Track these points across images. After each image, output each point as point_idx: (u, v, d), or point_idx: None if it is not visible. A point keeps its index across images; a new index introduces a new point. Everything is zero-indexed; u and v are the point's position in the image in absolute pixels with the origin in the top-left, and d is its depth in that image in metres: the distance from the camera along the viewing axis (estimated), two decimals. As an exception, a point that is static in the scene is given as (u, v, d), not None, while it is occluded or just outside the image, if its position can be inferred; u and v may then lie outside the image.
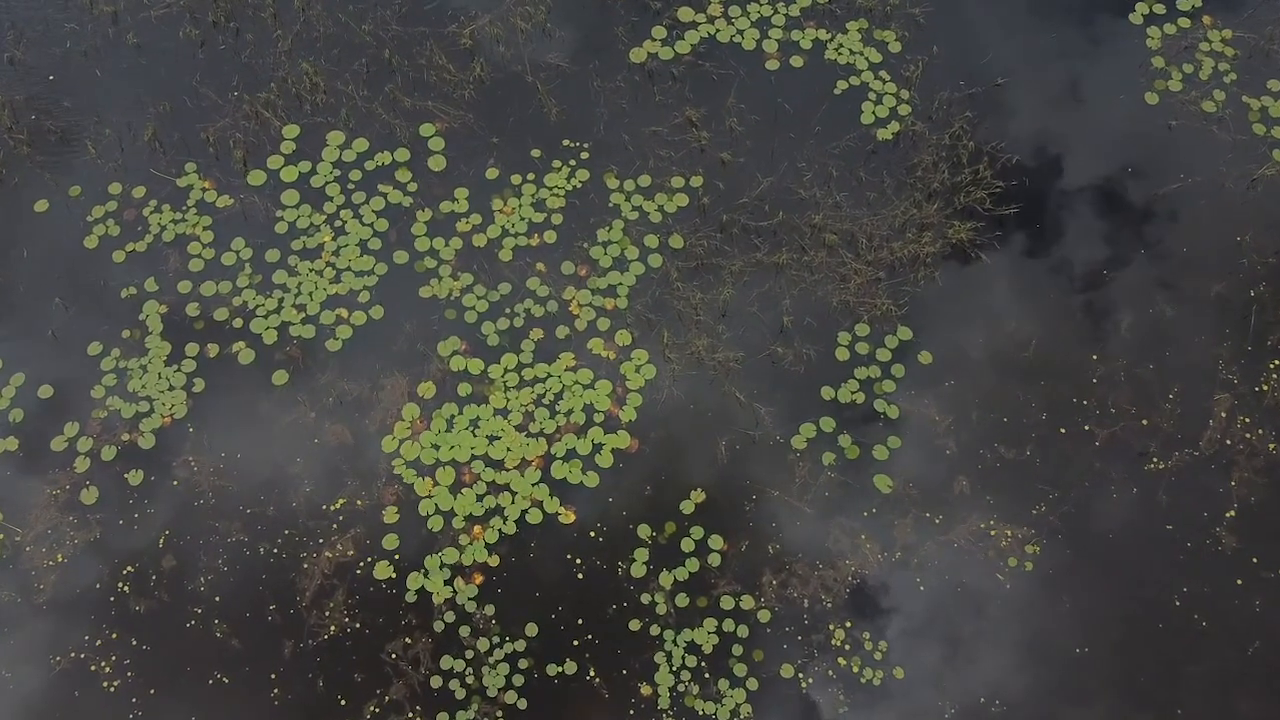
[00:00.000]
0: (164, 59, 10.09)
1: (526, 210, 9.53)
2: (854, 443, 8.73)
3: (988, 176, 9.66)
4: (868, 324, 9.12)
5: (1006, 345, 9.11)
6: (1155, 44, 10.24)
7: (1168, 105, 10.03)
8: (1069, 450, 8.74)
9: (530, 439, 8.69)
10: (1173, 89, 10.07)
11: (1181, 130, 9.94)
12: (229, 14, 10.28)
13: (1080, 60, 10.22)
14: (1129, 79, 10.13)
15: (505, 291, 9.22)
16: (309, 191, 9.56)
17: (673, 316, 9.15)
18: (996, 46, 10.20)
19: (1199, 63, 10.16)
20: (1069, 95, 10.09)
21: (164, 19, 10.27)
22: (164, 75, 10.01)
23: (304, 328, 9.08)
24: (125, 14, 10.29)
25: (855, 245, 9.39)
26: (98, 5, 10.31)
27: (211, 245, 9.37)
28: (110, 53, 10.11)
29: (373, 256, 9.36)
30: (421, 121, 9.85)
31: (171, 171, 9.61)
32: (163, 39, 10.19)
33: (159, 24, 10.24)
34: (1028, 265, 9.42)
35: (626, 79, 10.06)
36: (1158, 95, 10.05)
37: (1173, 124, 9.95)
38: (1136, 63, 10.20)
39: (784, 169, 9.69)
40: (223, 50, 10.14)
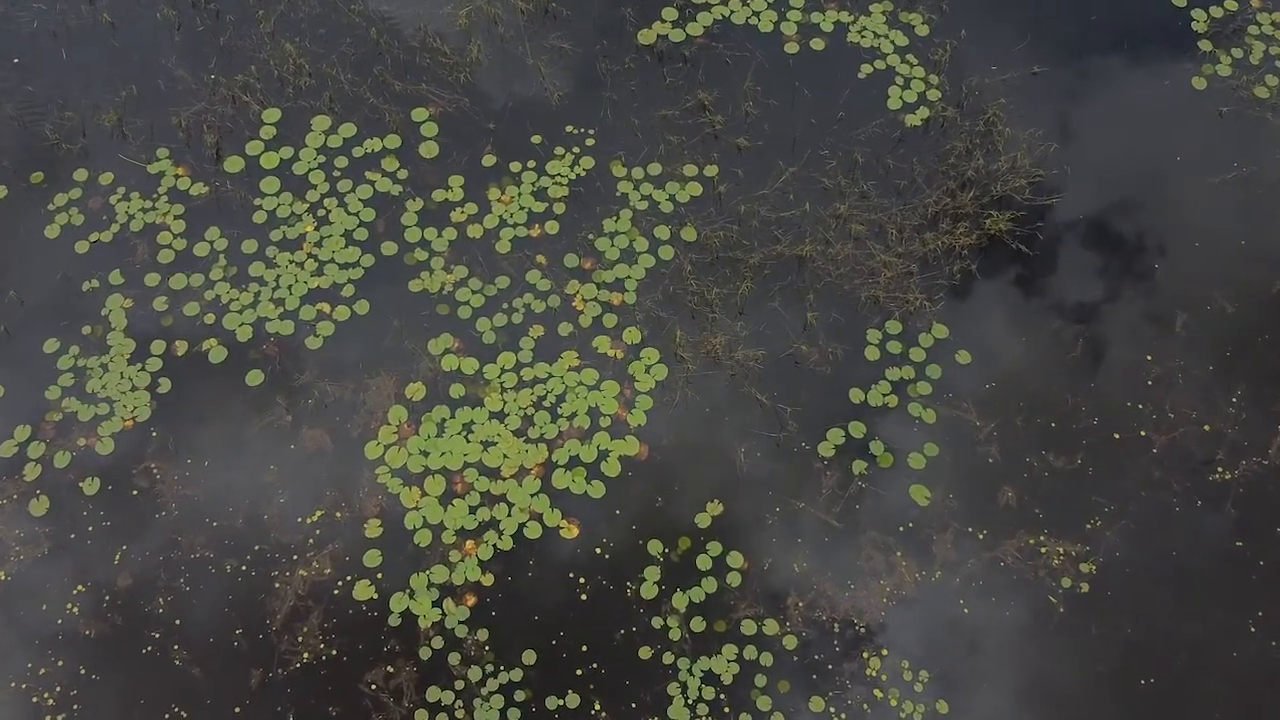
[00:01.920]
0: (138, 40, 9.12)
1: (526, 199, 8.51)
2: (887, 450, 7.67)
3: (1026, 164, 8.65)
4: (899, 321, 8.08)
5: (1052, 344, 8.07)
6: (1201, 27, 9.29)
7: (1217, 91, 9.06)
8: (1124, 458, 7.67)
9: (529, 445, 7.62)
10: (1221, 74, 9.10)
11: (1233, 117, 8.97)
12: (208, -7, 9.30)
13: (1120, 45, 9.27)
14: (1175, 64, 9.17)
15: (503, 285, 8.19)
16: (291, 179, 8.55)
17: (686, 313, 8.11)
18: (1030, 30, 9.25)
19: (1249, 46, 9.21)
20: (1111, 81, 9.12)
21: None
22: (137, 57, 9.04)
23: (282, 324, 8.04)
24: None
25: (884, 236, 8.37)
26: (70, -16, 9.32)
27: (183, 235, 8.35)
28: (82, 33, 9.15)
29: (358, 248, 8.33)
30: (413, 106, 8.87)
31: (142, 158, 8.61)
32: (138, 19, 9.23)
33: (135, 4, 9.29)
34: (1072, 258, 8.39)
35: (635, 61, 9.09)
36: (1206, 80, 9.09)
37: (1223, 110, 8.98)
38: (1182, 47, 9.25)
39: (806, 156, 8.69)
40: (201, 32, 9.17)
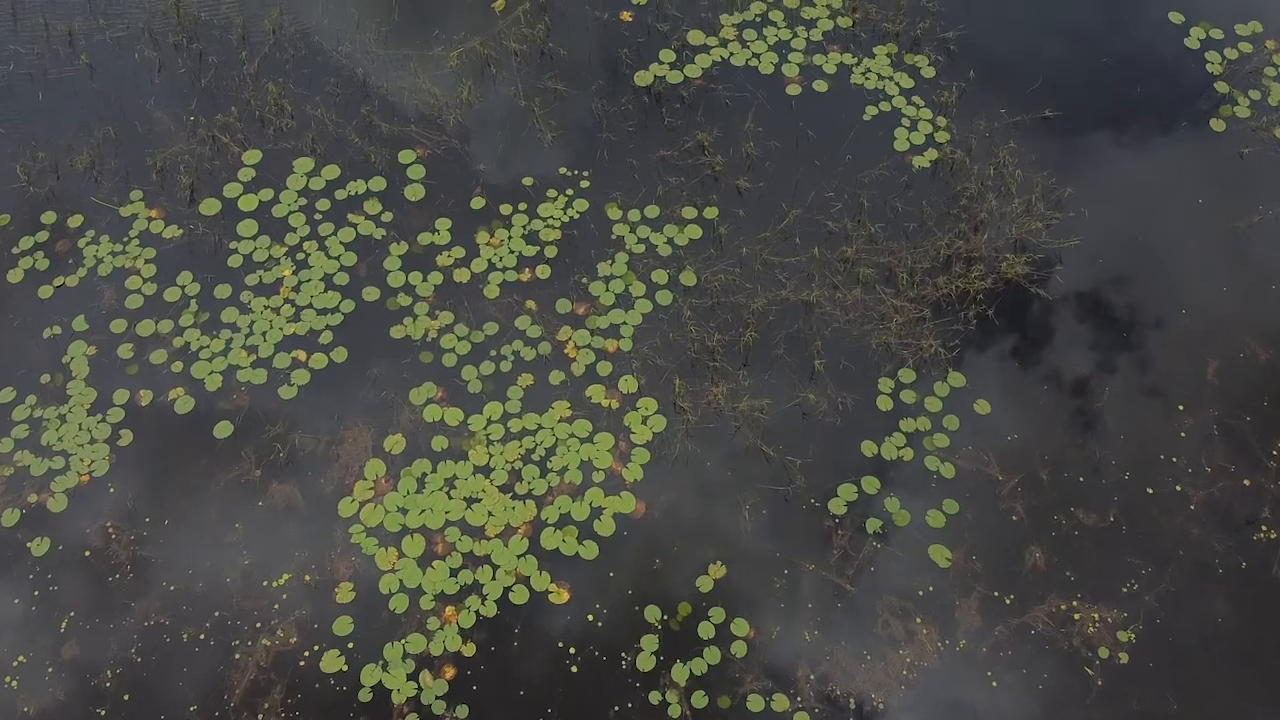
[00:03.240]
0: (117, 82, 8.56)
1: (517, 243, 7.87)
2: (903, 507, 6.89)
3: (1041, 208, 8.02)
4: (913, 369, 7.36)
5: (1076, 393, 7.34)
6: (1217, 69, 8.76)
7: (1236, 133, 8.49)
8: (1160, 516, 6.90)
9: (516, 502, 6.85)
10: (1240, 115, 8.55)
11: (1254, 159, 8.39)
12: (192, 35, 8.80)
13: (1134, 87, 8.73)
14: (1191, 106, 8.61)
15: (491, 332, 7.50)
16: (269, 222, 7.91)
17: (685, 360, 7.39)
18: (1039, 73, 8.71)
19: (1267, 88, 8.68)
20: (1125, 123, 8.56)
21: (121, 40, 8.79)
22: (115, 99, 8.47)
23: (254, 372, 7.32)
24: (80, 34, 8.81)
25: (894, 281, 7.70)
26: (52, 25, 8.80)
27: (154, 280, 7.68)
28: (60, 76, 8.60)
29: (338, 293, 7.66)
30: (400, 148, 8.27)
31: (114, 200, 7.98)
32: (118, 61, 8.69)
33: (115, 45, 8.76)
34: (1094, 303, 7.71)
35: (632, 102, 8.54)
36: (1224, 122, 8.52)
37: (1244, 152, 8.39)
38: (1197, 89, 8.70)
39: (811, 198, 8.06)
40: (182, 73, 8.62)
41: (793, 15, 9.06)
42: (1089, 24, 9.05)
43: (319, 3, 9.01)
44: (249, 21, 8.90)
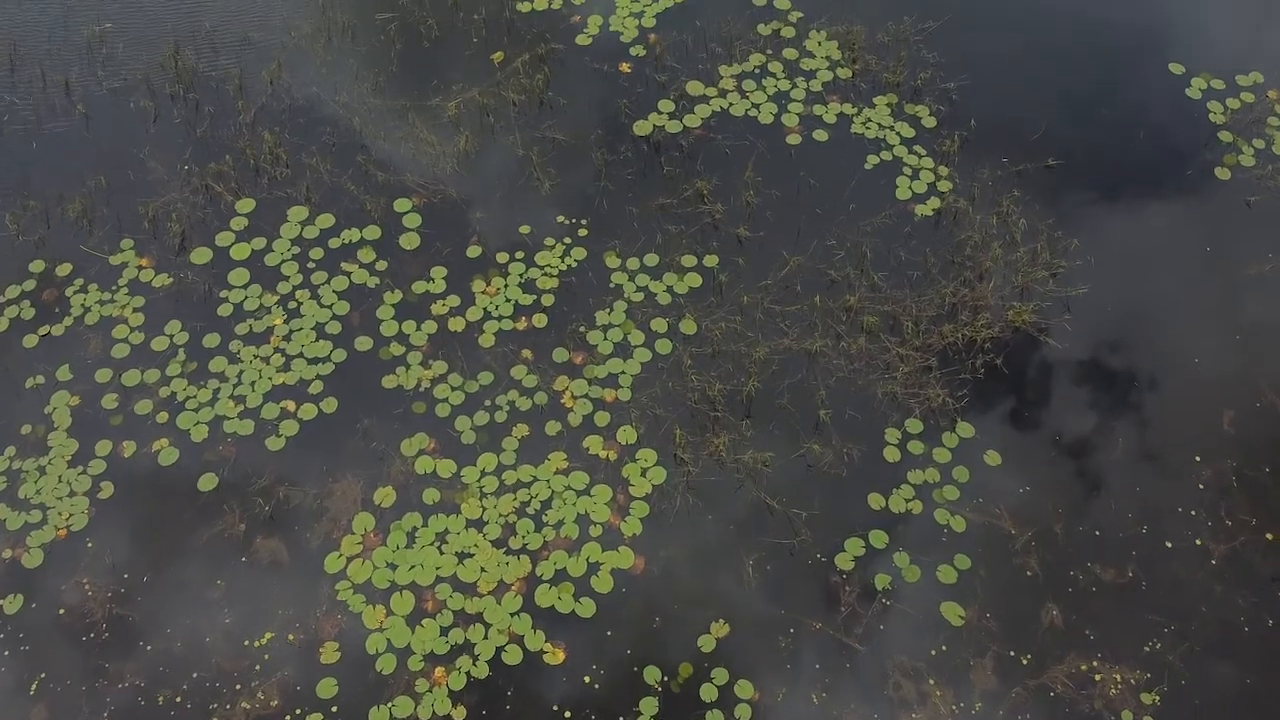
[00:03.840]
0: (112, 132, 8.41)
1: (513, 291, 7.63)
2: (913, 562, 6.55)
3: (1047, 256, 7.80)
4: (920, 419, 7.07)
5: (1090, 443, 7.04)
6: (1219, 118, 8.62)
7: (1242, 181, 8.31)
8: (1181, 571, 6.55)
9: (510, 557, 6.51)
10: (1245, 164, 8.38)
11: (1262, 207, 8.20)
12: (189, 85, 8.66)
13: (1136, 136, 8.57)
14: (1195, 154, 8.45)
15: (485, 381, 7.22)
16: (261, 271, 7.68)
17: (686, 410, 7.11)
18: (1040, 123, 8.56)
19: (1270, 137, 8.53)
20: (1129, 172, 8.38)
21: (118, 91, 8.67)
22: (109, 148, 8.31)
23: (241, 423, 7.02)
24: (77, 86, 8.69)
25: (899, 329, 7.44)
26: (49, 76, 8.67)
27: (141, 329, 7.42)
28: (55, 125, 8.46)
29: (330, 342, 7.40)
30: (396, 196, 8.08)
31: (104, 249, 7.76)
32: (113, 111, 8.55)
33: (112, 96, 8.63)
34: (1105, 352, 7.44)
35: (631, 151, 8.37)
36: (1230, 171, 8.36)
37: (1251, 200, 8.18)
38: (1201, 137, 8.55)
39: (813, 247, 7.83)
40: (177, 123, 8.46)
41: (792, 66, 8.94)
42: (1090, 74, 8.93)
43: (317, 55, 8.90)
44: (246, 73, 8.78)
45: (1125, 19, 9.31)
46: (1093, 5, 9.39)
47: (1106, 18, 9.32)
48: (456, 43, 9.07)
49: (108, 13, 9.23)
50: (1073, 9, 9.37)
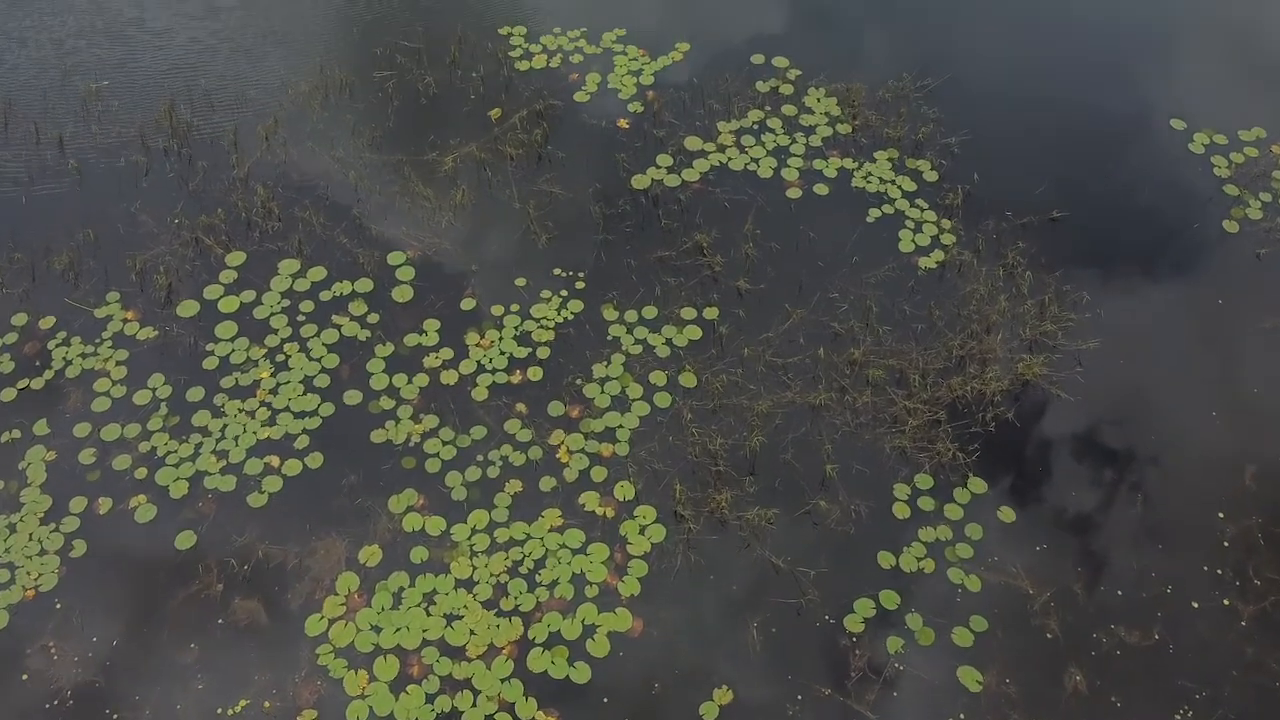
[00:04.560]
0: (103, 186, 8.23)
1: (508, 344, 7.35)
2: (926, 624, 6.14)
3: (1055, 309, 7.53)
4: (930, 474, 6.73)
5: (1108, 499, 6.68)
6: (1224, 172, 8.45)
7: (1250, 234, 8.10)
8: (1209, 633, 6.14)
9: (501, 619, 6.11)
10: (1253, 217, 8.18)
11: (1272, 260, 8.00)
12: (183, 140, 8.50)
13: (1140, 188, 8.40)
14: (1201, 207, 8.25)
15: (478, 436, 6.89)
16: (250, 324, 7.41)
17: (686, 465, 6.76)
18: (1043, 176, 8.40)
19: (1277, 190, 8.33)
20: (1136, 224, 8.19)
21: (112, 146, 8.52)
22: (100, 202, 8.12)
23: (223, 479, 6.67)
24: (71, 141, 8.54)
25: (906, 382, 7.14)
26: (43, 132, 8.52)
27: (123, 382, 7.12)
28: (46, 179, 8.28)
29: (318, 395, 7.09)
30: (390, 250, 7.85)
31: (89, 301, 7.50)
32: (105, 166, 8.38)
33: (105, 151, 8.47)
34: (1119, 405, 7.13)
35: (629, 204, 8.18)
36: (1237, 224, 8.16)
37: (1261, 253, 7.96)
38: (1206, 191, 8.37)
39: (815, 300, 7.57)
40: (170, 178, 8.29)
41: (791, 122, 8.80)
42: (1090, 130, 8.79)
43: (314, 111, 8.77)
44: (242, 129, 8.63)
45: (1123, 77, 9.22)
46: (1091, 64, 9.32)
47: (1105, 76, 9.22)
48: (454, 100, 8.94)
49: (106, 72, 9.10)
50: (1072, 68, 9.29)
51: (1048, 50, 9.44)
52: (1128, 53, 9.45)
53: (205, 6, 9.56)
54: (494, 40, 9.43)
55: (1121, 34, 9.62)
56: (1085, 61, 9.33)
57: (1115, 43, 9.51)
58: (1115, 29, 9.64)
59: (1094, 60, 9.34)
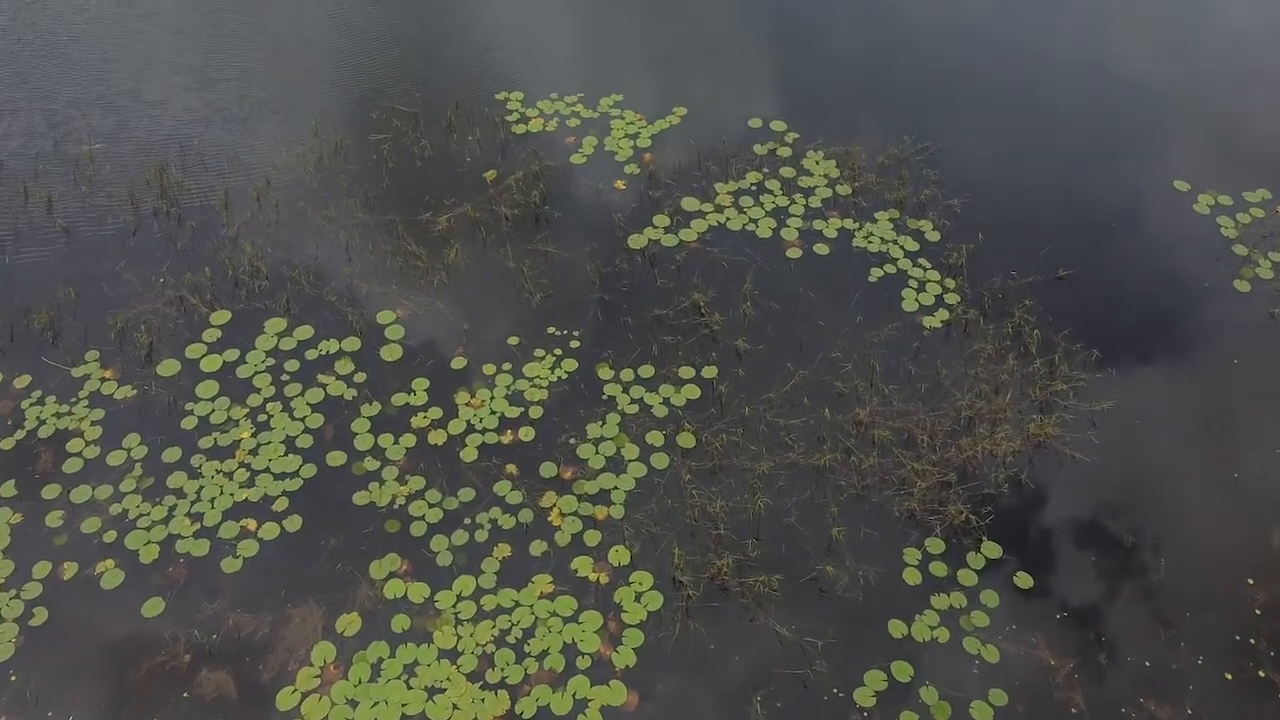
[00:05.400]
0: (89, 245, 8.02)
1: (499, 403, 7.01)
2: (942, 698, 5.68)
3: (1065, 368, 7.22)
4: (941, 538, 6.33)
5: (1130, 565, 6.28)
6: (1231, 233, 8.24)
7: (1262, 294, 7.85)
8: (1244, 706, 5.70)
9: (487, 692, 5.65)
10: (1263, 276, 7.94)
11: (1286, 319, 7.65)
12: (173, 201, 8.30)
13: (1147, 248, 8.18)
14: (1210, 268, 8.02)
15: (466, 498, 6.51)
16: (232, 383, 7.09)
17: (685, 529, 6.37)
18: (1046, 236, 8.19)
19: (1286, 250, 8.08)
20: (1144, 283, 7.93)
21: (101, 207, 8.34)
22: (85, 261, 7.90)
23: (196, 543, 6.28)
24: (59, 201, 8.34)
25: (914, 443, 6.79)
26: (32, 192, 8.33)
27: (98, 442, 6.76)
28: (33, 239, 8.07)
29: (300, 456, 6.72)
30: (380, 309, 7.56)
31: (67, 360, 7.18)
32: (94, 225, 8.16)
33: (94, 211, 8.27)
34: (1137, 467, 6.77)
35: (625, 263, 7.94)
36: (1249, 284, 7.92)
37: (1275, 312, 7.68)
38: (1214, 250, 8.15)
39: (818, 360, 7.26)
40: (158, 238, 8.08)
41: (790, 184, 8.62)
42: (1093, 193, 8.61)
43: (307, 173, 8.60)
44: (233, 190, 8.45)
45: (1124, 140, 9.10)
46: (1090, 128, 9.22)
47: (1106, 142, 9.11)
48: (450, 162, 8.79)
49: (100, 134, 8.95)
50: (1070, 132, 9.19)
51: (1046, 114, 9.34)
52: (1127, 116, 9.35)
53: (201, 78, 9.47)
54: (491, 105, 9.31)
55: (1119, 98, 9.52)
56: (1084, 126, 9.23)
57: (1114, 107, 9.41)
58: (1112, 94, 9.56)
59: (1092, 125, 9.24)
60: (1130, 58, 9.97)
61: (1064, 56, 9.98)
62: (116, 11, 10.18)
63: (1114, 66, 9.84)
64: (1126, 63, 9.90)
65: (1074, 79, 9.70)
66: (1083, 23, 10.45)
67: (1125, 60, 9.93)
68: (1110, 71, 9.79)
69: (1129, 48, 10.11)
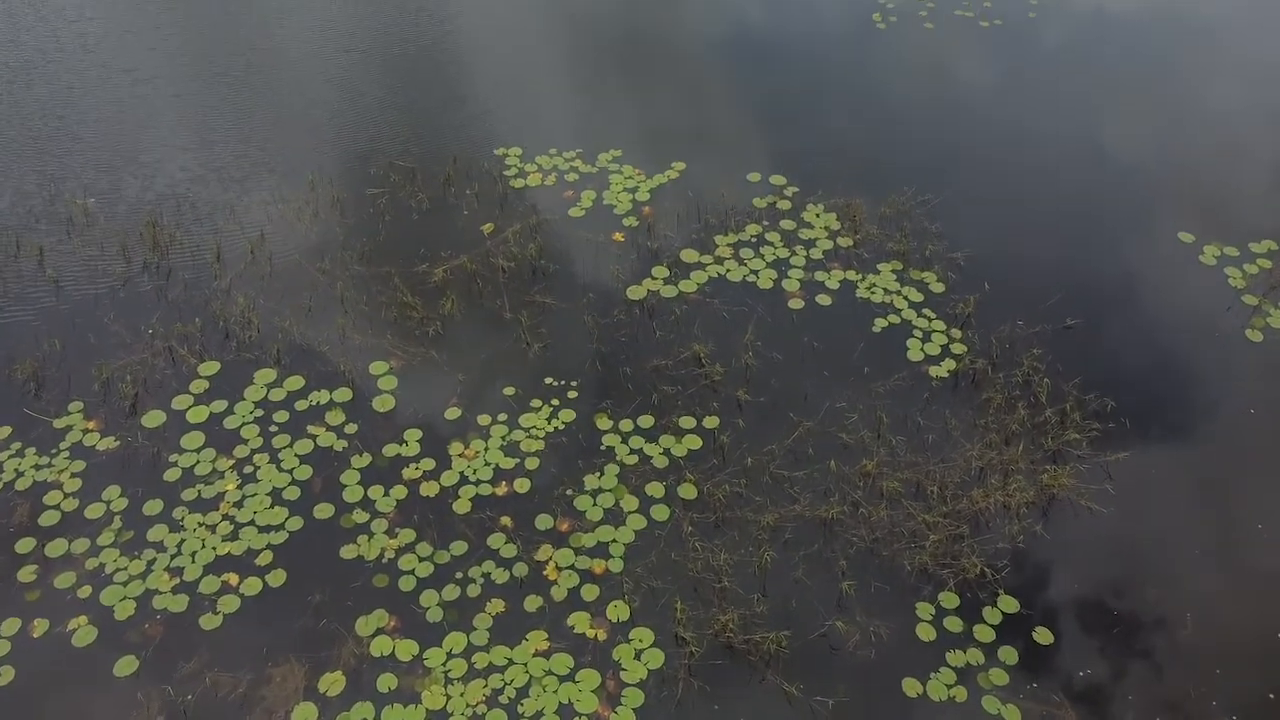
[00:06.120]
0: (78, 297, 7.82)
1: (494, 454, 6.75)
2: (962, 762, 5.28)
3: (1078, 418, 6.98)
4: (956, 592, 6.02)
5: (1154, 620, 5.94)
6: (1239, 283, 8.09)
7: (1275, 343, 7.68)
8: (1286, 772, 5.26)
9: (478, 756, 5.27)
10: (1275, 326, 7.76)
11: (1301, 369, 7.43)
12: (165, 253, 8.15)
13: (1154, 298, 8.00)
14: (1219, 317, 7.83)
15: (458, 552, 6.21)
16: (219, 434, 6.84)
17: (687, 583, 6.05)
18: (1053, 286, 8.03)
19: (1297, 300, 7.90)
20: (1154, 332, 7.73)
21: (92, 259, 8.19)
22: (73, 312, 7.72)
23: (174, 598, 5.96)
24: (52, 253, 8.19)
25: (924, 495, 6.51)
26: (24, 244, 8.18)
27: (77, 495, 6.48)
28: (21, 290, 7.92)
29: (286, 509, 6.43)
30: (373, 359, 7.34)
31: (50, 411, 6.92)
32: (84, 276, 7.98)
33: (85, 263, 8.10)
34: (1156, 518, 6.48)
35: (624, 314, 7.74)
36: (1260, 333, 7.70)
37: (1289, 362, 7.45)
38: (1223, 300, 7.97)
39: (824, 411, 7.02)
40: (148, 289, 7.94)
41: (790, 236, 8.49)
42: (1097, 244, 8.48)
43: (303, 226, 8.48)
44: (227, 243, 8.31)
45: (1127, 195, 9.01)
46: (1092, 180, 9.13)
47: (1107, 194, 9.02)
48: (447, 215, 8.66)
49: (95, 190, 8.84)
50: (1070, 184, 9.11)
51: (1046, 166, 9.28)
52: (1128, 170, 9.29)
53: (199, 139, 9.40)
54: (490, 160, 9.24)
55: (1119, 152, 9.46)
56: (1083, 178, 9.17)
57: (1113, 161, 9.35)
58: (1111, 148, 9.50)
59: (1095, 179, 9.14)
60: (1130, 116, 9.94)
61: (1062, 110, 9.95)
62: (117, 77, 10.19)
63: (1112, 125, 9.81)
64: (1126, 121, 9.86)
65: (1071, 133, 9.66)
66: (1081, 83, 10.45)
67: (1124, 119, 9.90)
68: (1109, 129, 9.75)
69: (1128, 107, 10.09)
